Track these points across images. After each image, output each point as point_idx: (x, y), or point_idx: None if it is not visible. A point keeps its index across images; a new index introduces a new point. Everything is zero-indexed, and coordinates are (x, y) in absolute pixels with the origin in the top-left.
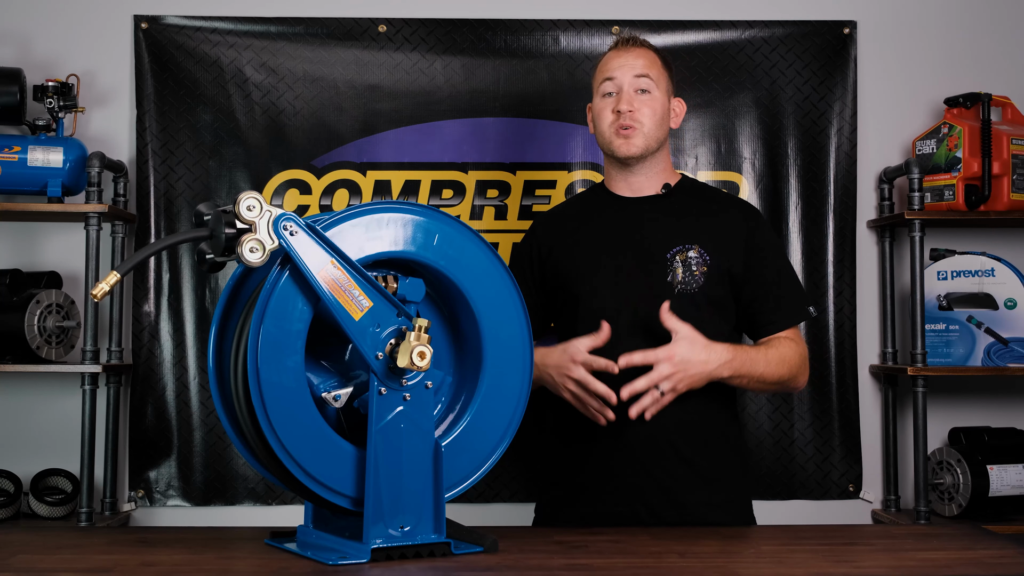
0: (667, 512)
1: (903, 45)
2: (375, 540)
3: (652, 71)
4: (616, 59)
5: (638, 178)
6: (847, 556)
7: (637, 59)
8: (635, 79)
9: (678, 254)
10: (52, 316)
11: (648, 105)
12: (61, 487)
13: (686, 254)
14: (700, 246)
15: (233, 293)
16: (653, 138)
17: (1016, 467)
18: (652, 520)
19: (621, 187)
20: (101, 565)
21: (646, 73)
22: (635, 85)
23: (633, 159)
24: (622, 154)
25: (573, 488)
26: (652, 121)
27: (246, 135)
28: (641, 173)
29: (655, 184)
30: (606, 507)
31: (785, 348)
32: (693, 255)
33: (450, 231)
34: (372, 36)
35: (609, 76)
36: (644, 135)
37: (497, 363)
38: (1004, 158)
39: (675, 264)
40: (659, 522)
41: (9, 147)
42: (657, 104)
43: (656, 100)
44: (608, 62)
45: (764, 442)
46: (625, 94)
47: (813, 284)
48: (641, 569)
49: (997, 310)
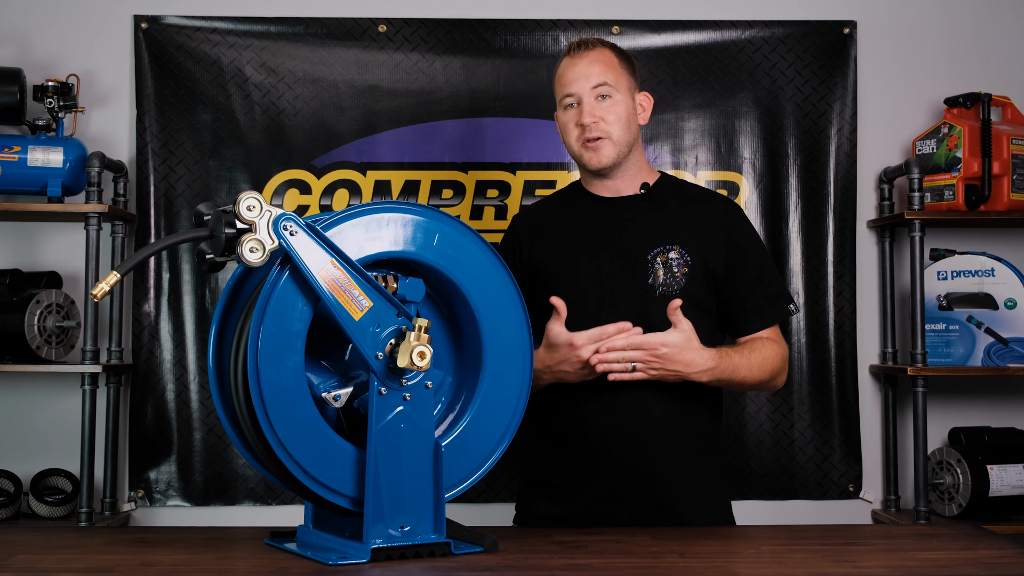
0: (649, 514)
1: (903, 45)
2: (375, 540)
3: (609, 75)
4: (571, 70)
5: (615, 182)
6: (847, 556)
7: (592, 66)
8: (593, 89)
9: (659, 255)
10: (52, 316)
11: (612, 111)
12: (61, 487)
13: (667, 255)
14: (681, 247)
15: (233, 293)
16: (623, 143)
17: (1016, 467)
18: (633, 522)
19: (599, 188)
20: (101, 565)
21: (603, 80)
22: (595, 94)
23: (606, 169)
24: (594, 167)
25: (554, 488)
26: (619, 127)
27: (246, 135)
28: (617, 177)
29: (633, 184)
30: (586, 508)
31: (767, 350)
32: (674, 256)
33: (450, 231)
34: (372, 36)
35: (568, 92)
36: (614, 143)
37: (497, 363)
38: (1004, 158)
39: (656, 266)
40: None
41: (9, 147)
42: (620, 108)
43: (619, 104)
44: (563, 74)
45: (764, 442)
46: (586, 105)
47: (813, 284)
48: (641, 569)
49: (997, 310)
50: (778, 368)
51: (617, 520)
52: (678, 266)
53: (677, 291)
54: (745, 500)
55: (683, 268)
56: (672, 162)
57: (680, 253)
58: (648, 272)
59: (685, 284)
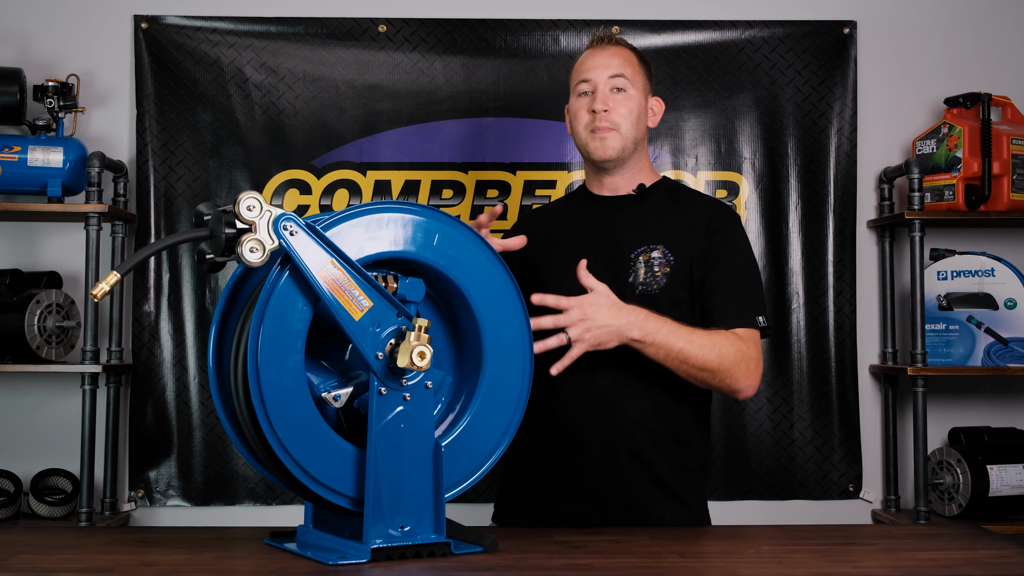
0: (617, 514)
1: (903, 45)
2: (375, 540)
3: (627, 70)
4: (591, 59)
5: (615, 178)
6: (847, 556)
7: (612, 58)
8: (610, 79)
9: (642, 254)
10: (52, 316)
11: (624, 104)
12: (61, 487)
13: (650, 254)
14: (665, 246)
15: (233, 293)
16: (630, 139)
17: (1016, 467)
18: (601, 522)
19: (598, 187)
20: (101, 565)
21: (621, 72)
22: (610, 84)
23: (609, 162)
24: (598, 157)
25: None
26: (628, 121)
27: (246, 135)
28: (618, 174)
29: (632, 184)
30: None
31: (721, 338)
32: (657, 255)
33: (450, 231)
34: (372, 36)
35: (584, 78)
36: (621, 136)
37: (497, 363)
38: (1004, 158)
39: (638, 264)
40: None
41: (9, 147)
42: (633, 103)
43: (632, 99)
44: (583, 62)
45: (764, 442)
46: (600, 93)
47: (813, 284)
48: (641, 569)
49: (997, 310)
50: (731, 360)
51: (584, 520)
52: (660, 265)
53: (657, 290)
54: (745, 500)
55: (664, 268)
56: (672, 162)
57: (663, 253)
58: (630, 271)
59: (665, 284)
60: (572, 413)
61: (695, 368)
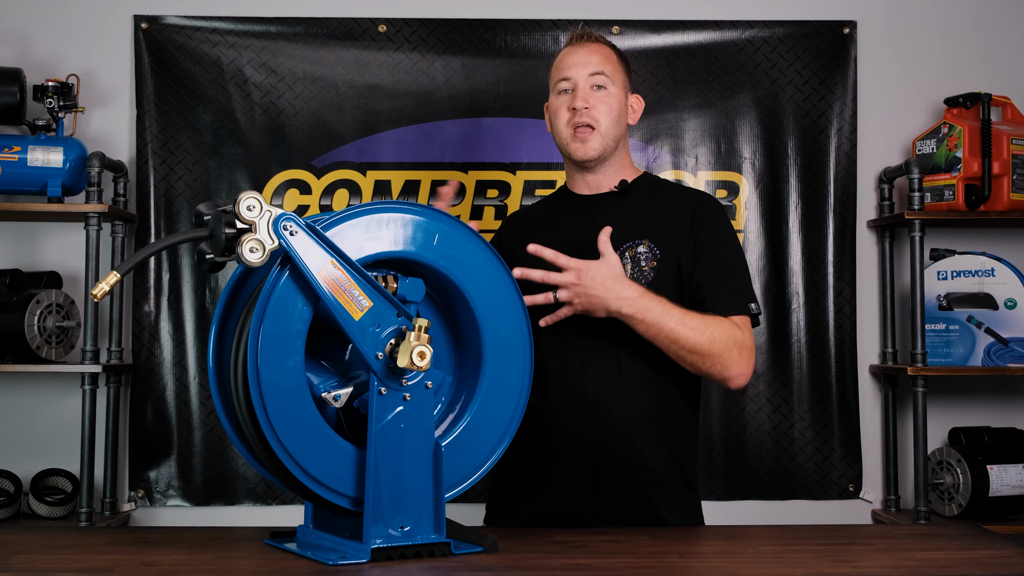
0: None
1: (903, 45)
2: (375, 540)
3: (607, 67)
4: (570, 56)
5: (597, 176)
6: (847, 556)
7: (591, 55)
8: (590, 76)
9: (628, 250)
10: (52, 316)
11: (604, 102)
12: (61, 487)
13: (635, 249)
14: (651, 240)
15: (233, 293)
16: (611, 137)
17: (1016, 467)
18: (595, 522)
19: (580, 186)
20: (101, 565)
21: (601, 70)
22: (591, 82)
23: (591, 161)
24: (579, 157)
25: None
26: (609, 119)
27: (246, 135)
28: (600, 172)
29: (614, 182)
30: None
31: (714, 322)
32: (643, 250)
33: (450, 231)
34: (372, 36)
35: (564, 75)
36: (601, 135)
37: (497, 363)
38: (1004, 158)
39: (624, 260)
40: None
41: (9, 147)
42: (613, 101)
43: (612, 96)
44: (562, 60)
45: (764, 442)
46: (580, 91)
47: (813, 284)
48: (641, 569)
49: (997, 310)
50: (723, 344)
51: (578, 520)
52: (646, 260)
53: (644, 285)
54: (745, 500)
55: (651, 262)
56: (672, 162)
57: (649, 247)
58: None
59: (653, 278)
60: (562, 414)
61: (685, 350)
